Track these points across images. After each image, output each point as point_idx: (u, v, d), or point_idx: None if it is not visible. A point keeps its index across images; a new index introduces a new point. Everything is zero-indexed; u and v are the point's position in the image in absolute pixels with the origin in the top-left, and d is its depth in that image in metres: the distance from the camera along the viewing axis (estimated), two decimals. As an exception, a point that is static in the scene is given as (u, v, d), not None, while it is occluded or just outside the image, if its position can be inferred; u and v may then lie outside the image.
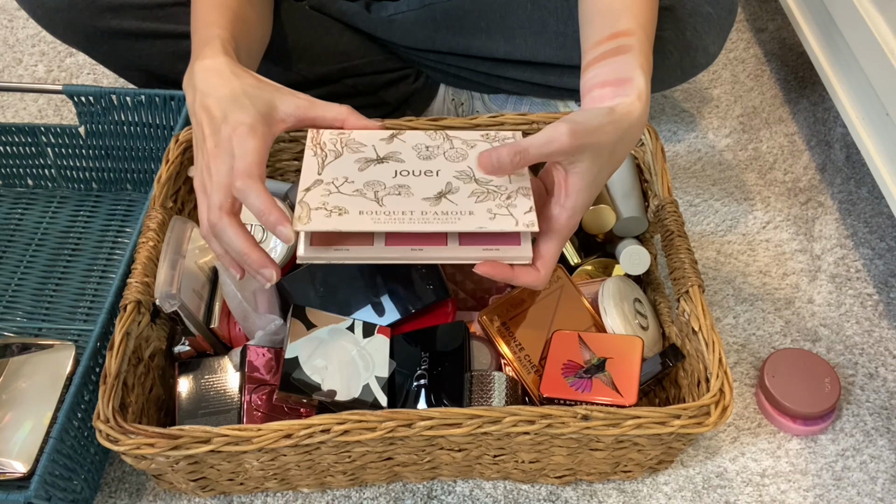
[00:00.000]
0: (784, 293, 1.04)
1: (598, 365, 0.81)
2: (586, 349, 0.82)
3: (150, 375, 0.83)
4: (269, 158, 0.99)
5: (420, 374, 0.83)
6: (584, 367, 0.81)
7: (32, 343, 0.92)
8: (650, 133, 0.93)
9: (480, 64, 1.09)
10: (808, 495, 0.86)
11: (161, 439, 0.70)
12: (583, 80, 0.76)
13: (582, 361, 0.81)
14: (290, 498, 0.86)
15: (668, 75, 1.02)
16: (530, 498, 0.86)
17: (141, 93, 1.02)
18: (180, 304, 0.81)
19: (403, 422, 0.71)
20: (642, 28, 0.77)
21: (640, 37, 0.76)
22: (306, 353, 0.81)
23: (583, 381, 0.80)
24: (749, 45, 1.41)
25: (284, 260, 0.92)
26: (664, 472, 0.88)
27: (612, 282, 0.88)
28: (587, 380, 0.80)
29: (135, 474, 0.87)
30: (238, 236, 0.69)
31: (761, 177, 1.18)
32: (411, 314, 0.88)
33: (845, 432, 0.91)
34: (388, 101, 1.16)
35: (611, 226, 0.92)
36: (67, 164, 1.11)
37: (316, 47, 1.07)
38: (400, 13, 1.07)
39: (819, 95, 1.30)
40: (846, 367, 0.97)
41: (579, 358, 0.82)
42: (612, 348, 0.81)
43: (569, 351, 0.82)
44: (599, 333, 0.84)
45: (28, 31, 1.42)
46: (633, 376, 0.79)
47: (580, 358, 0.82)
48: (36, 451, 0.82)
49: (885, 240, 1.10)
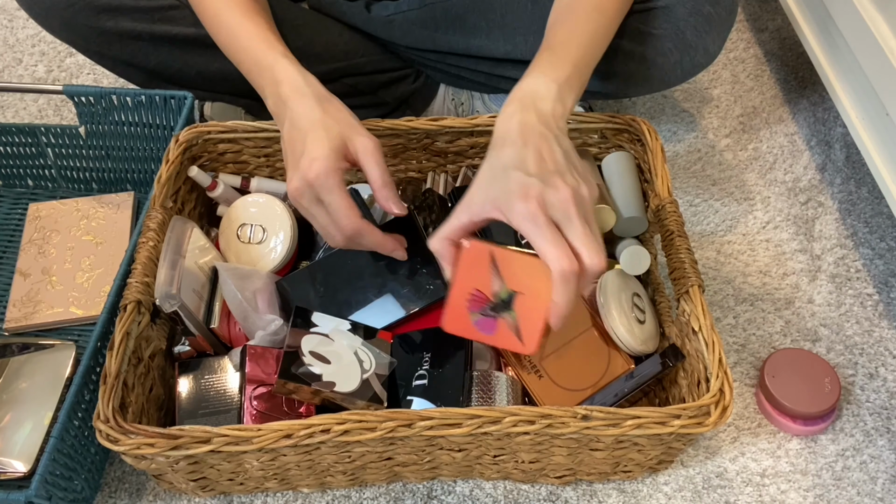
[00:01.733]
0: (784, 293, 1.04)
1: (506, 301, 0.74)
2: (497, 277, 0.74)
3: (150, 375, 0.83)
4: (270, 158, 0.99)
5: (420, 373, 0.83)
6: (491, 303, 0.75)
7: (32, 343, 0.92)
8: (650, 133, 0.93)
9: (480, 64, 1.09)
10: (808, 495, 0.86)
11: (161, 439, 0.70)
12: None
13: (490, 293, 0.75)
14: (290, 498, 0.86)
15: (668, 75, 1.02)
16: (530, 498, 0.86)
17: (141, 93, 1.02)
18: (180, 304, 0.81)
19: (403, 422, 0.71)
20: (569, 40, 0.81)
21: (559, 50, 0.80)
22: (307, 348, 0.81)
23: (487, 319, 0.75)
24: (749, 45, 1.41)
25: (284, 260, 0.93)
26: (664, 472, 0.88)
27: (612, 275, 0.88)
28: (492, 319, 0.75)
29: (135, 474, 0.87)
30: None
31: (761, 177, 1.18)
32: (411, 314, 0.88)
33: (845, 432, 0.91)
34: (388, 101, 1.16)
35: (611, 226, 0.92)
36: (67, 165, 1.11)
37: (315, 46, 1.07)
38: (400, 13, 1.07)
39: (819, 95, 1.30)
40: (846, 367, 0.97)
41: (488, 287, 0.75)
42: (524, 279, 0.73)
43: (479, 275, 0.74)
44: (513, 253, 0.74)
45: (28, 31, 1.42)
46: (539, 320, 0.73)
47: (488, 287, 0.75)
48: (36, 450, 0.82)
49: (885, 240, 1.10)
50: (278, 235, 0.92)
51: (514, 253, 0.74)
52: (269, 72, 0.82)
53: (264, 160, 1.00)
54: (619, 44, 0.99)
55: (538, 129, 0.73)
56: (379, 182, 0.78)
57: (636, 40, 0.98)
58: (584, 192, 0.70)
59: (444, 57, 1.10)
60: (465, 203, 0.72)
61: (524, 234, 0.68)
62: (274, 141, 0.96)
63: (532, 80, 0.77)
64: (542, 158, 0.70)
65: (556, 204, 0.68)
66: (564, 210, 0.68)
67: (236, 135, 0.95)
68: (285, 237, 0.92)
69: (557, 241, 0.67)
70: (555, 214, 0.68)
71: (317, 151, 0.75)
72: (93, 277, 1.02)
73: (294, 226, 0.93)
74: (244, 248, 0.93)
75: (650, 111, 1.29)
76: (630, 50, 0.99)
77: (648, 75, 1.02)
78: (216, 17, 0.89)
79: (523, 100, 0.75)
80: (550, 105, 0.75)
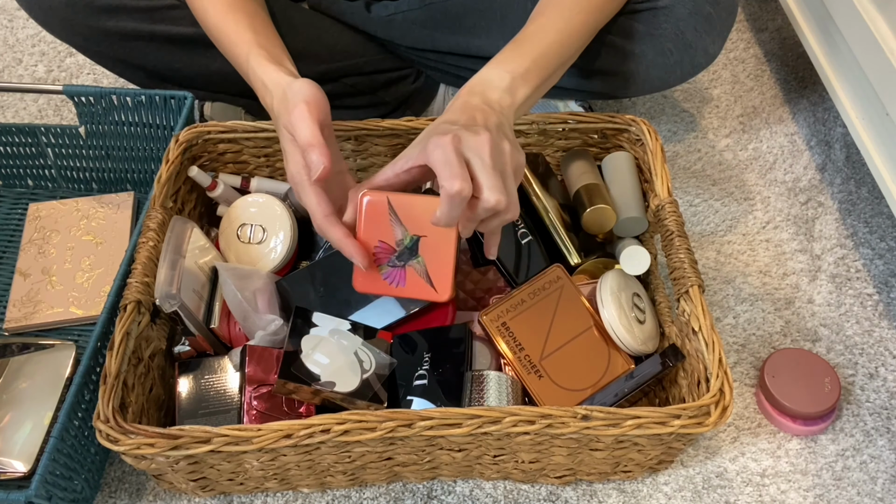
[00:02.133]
0: (784, 293, 1.04)
1: (411, 248, 0.73)
2: (398, 223, 0.73)
3: (150, 375, 0.83)
4: (270, 158, 0.99)
5: (420, 373, 0.83)
6: (397, 252, 0.74)
7: (32, 343, 0.92)
8: (650, 133, 0.93)
9: (480, 64, 1.07)
10: (808, 495, 0.86)
11: (161, 439, 0.70)
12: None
13: (394, 242, 0.74)
14: (290, 498, 0.86)
15: (668, 75, 1.02)
16: (530, 498, 0.86)
17: (141, 93, 1.02)
18: (180, 304, 0.81)
19: (403, 422, 0.71)
20: (537, 34, 0.82)
21: (523, 43, 0.81)
22: (307, 348, 0.81)
23: (396, 270, 0.74)
24: (749, 45, 1.41)
25: (284, 260, 0.93)
26: (664, 472, 0.88)
27: (612, 274, 0.88)
28: (400, 269, 0.74)
29: (135, 474, 0.87)
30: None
31: (761, 177, 1.18)
32: (412, 314, 0.88)
33: (845, 432, 0.91)
34: (388, 101, 1.16)
35: (611, 226, 0.92)
36: (67, 165, 1.11)
37: (315, 46, 1.07)
38: (400, 13, 1.07)
39: (819, 95, 1.30)
40: (846, 367, 0.97)
41: (391, 237, 0.73)
42: (425, 222, 0.72)
43: (380, 226, 0.73)
44: (410, 196, 0.73)
45: (28, 31, 1.42)
46: (448, 261, 0.72)
47: (391, 237, 0.73)
48: (36, 450, 0.82)
49: (885, 240, 1.10)
50: (278, 235, 0.92)
51: (411, 196, 0.73)
52: (250, 73, 0.83)
53: (264, 160, 1.00)
54: (620, 44, 0.99)
55: (480, 106, 0.73)
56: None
57: (636, 40, 0.98)
58: (506, 148, 0.70)
59: (444, 57, 1.10)
60: (392, 161, 0.73)
61: (431, 165, 0.67)
62: (274, 141, 0.96)
63: (487, 70, 0.78)
64: (473, 119, 0.71)
65: (472, 144, 0.68)
66: (478, 150, 0.68)
67: (236, 135, 0.95)
68: (285, 237, 0.92)
69: (455, 164, 0.66)
70: (467, 152, 0.68)
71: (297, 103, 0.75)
72: (93, 277, 1.02)
73: (294, 226, 0.93)
74: (244, 248, 0.93)
75: (650, 111, 1.29)
76: (630, 50, 0.99)
77: (649, 75, 1.02)
78: (204, 15, 0.90)
79: (473, 87, 0.76)
80: (498, 94, 0.75)
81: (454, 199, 0.66)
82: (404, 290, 0.75)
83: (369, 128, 0.95)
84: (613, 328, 0.85)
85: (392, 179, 0.73)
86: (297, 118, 0.73)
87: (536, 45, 0.81)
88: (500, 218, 0.71)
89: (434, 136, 0.68)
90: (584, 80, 1.04)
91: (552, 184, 0.96)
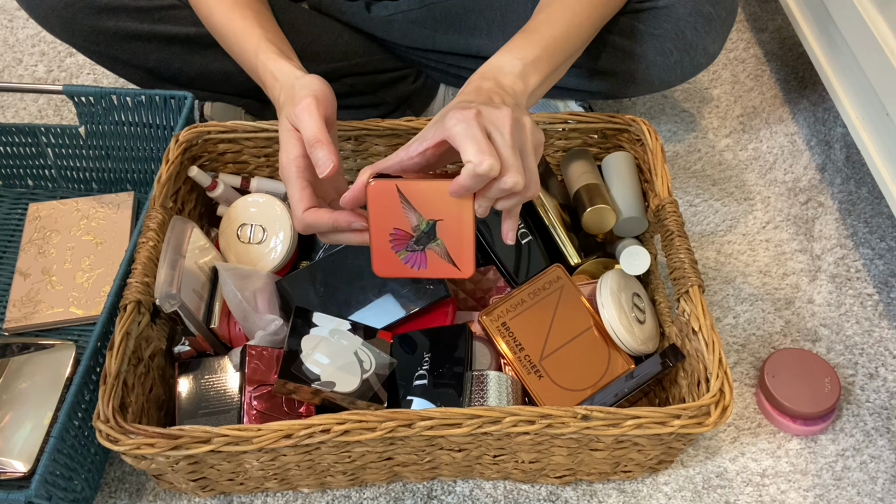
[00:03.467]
0: (784, 293, 1.04)
1: (429, 232, 0.72)
2: (411, 210, 0.72)
3: (150, 375, 0.83)
4: (270, 158, 0.99)
5: (420, 373, 0.83)
6: (414, 237, 0.73)
7: (32, 343, 0.92)
8: (650, 133, 0.93)
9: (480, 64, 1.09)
10: (808, 495, 0.86)
11: (161, 439, 0.70)
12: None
13: (410, 228, 0.73)
14: (290, 498, 0.86)
15: (668, 75, 1.02)
16: (530, 498, 0.86)
17: (141, 93, 1.02)
18: (180, 304, 0.81)
19: (403, 422, 0.71)
20: (545, 24, 0.81)
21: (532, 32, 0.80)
22: (307, 348, 0.81)
23: (415, 254, 0.74)
24: (749, 45, 1.41)
25: (284, 260, 0.93)
26: (664, 472, 0.88)
27: (612, 274, 0.88)
28: (420, 252, 0.74)
29: (135, 474, 0.87)
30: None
31: (761, 177, 1.18)
32: (412, 314, 0.88)
33: (845, 432, 0.91)
34: (388, 101, 1.16)
35: (611, 226, 0.92)
36: (67, 165, 1.11)
37: (315, 46, 1.07)
38: (400, 13, 1.07)
39: (819, 95, 1.30)
40: (846, 367, 0.97)
41: (406, 224, 0.72)
42: (439, 205, 0.71)
43: (392, 215, 0.72)
44: (420, 182, 0.71)
45: (28, 31, 1.42)
46: (468, 240, 0.72)
47: (407, 224, 0.72)
48: (36, 450, 0.82)
49: (885, 240, 1.10)
50: (278, 235, 0.92)
51: (420, 182, 0.71)
52: (259, 66, 0.84)
53: (264, 160, 1.00)
54: (620, 43, 0.99)
55: (494, 88, 0.73)
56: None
57: (636, 40, 0.98)
58: (527, 123, 0.69)
59: (444, 57, 1.10)
60: (405, 145, 0.72)
61: (453, 139, 0.66)
62: (274, 141, 0.96)
63: (497, 57, 0.78)
64: (490, 100, 0.70)
65: (493, 118, 0.67)
66: (499, 125, 0.66)
67: (236, 135, 0.95)
68: (285, 237, 0.92)
69: (482, 139, 0.64)
70: (489, 126, 0.66)
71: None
72: (93, 277, 1.02)
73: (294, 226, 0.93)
74: (244, 248, 0.93)
75: (650, 111, 1.29)
76: (630, 50, 0.99)
77: (649, 75, 1.02)
78: (209, 13, 0.90)
79: (485, 73, 0.76)
80: (511, 80, 0.75)
81: (480, 177, 0.64)
82: (426, 271, 0.74)
83: (369, 128, 0.95)
84: (613, 328, 0.85)
85: (406, 162, 0.71)
86: (303, 111, 0.73)
87: (545, 34, 0.81)
88: (519, 196, 0.69)
89: (453, 111, 0.67)
90: (585, 79, 1.04)
91: (552, 184, 0.96)
